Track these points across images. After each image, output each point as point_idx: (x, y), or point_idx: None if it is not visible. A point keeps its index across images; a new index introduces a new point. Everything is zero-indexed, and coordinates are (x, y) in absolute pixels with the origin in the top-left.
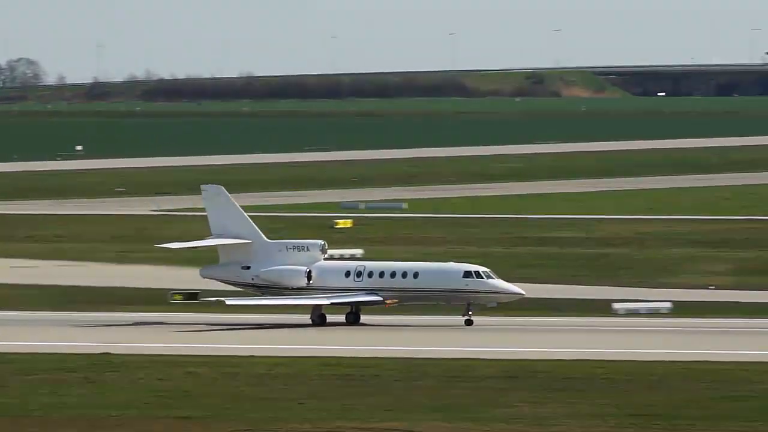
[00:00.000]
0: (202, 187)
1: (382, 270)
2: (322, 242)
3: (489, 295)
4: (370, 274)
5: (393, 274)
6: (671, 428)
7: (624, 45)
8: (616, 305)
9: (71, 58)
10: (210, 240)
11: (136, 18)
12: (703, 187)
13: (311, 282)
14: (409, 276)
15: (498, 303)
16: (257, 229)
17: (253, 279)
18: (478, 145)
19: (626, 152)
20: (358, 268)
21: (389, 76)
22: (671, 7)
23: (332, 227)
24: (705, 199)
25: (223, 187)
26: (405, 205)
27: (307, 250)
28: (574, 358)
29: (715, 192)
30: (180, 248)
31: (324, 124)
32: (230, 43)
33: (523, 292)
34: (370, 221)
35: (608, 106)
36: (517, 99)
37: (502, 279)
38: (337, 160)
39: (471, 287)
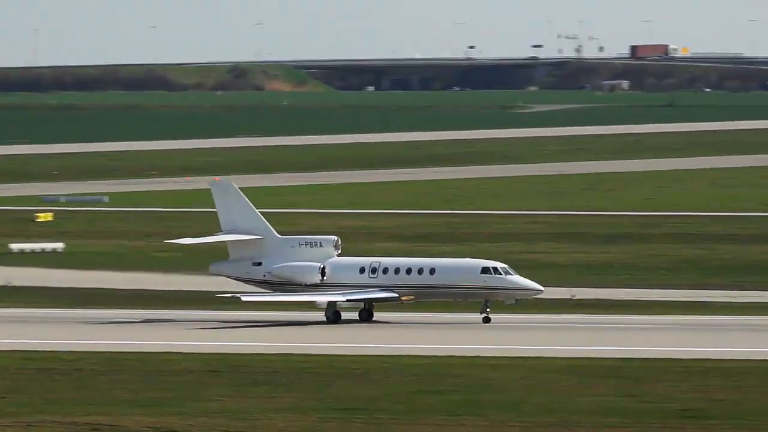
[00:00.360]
0: (211, 182)
1: (397, 266)
2: (336, 238)
3: (508, 291)
4: (386, 271)
5: (409, 271)
6: (373, 422)
7: (326, 39)
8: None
9: None
10: (221, 236)
11: None
12: (405, 181)
13: (325, 279)
14: (426, 272)
15: (517, 300)
16: (268, 224)
17: (264, 275)
18: (179, 138)
19: (326, 146)
20: (373, 265)
21: (90, 69)
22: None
23: (33, 221)
24: (406, 193)
25: (232, 182)
26: (107, 199)
27: (320, 246)
28: (277, 352)
29: (416, 186)
30: (190, 244)
31: (24, 116)
32: None
33: (542, 288)
34: (71, 215)
35: (311, 100)
36: (219, 92)
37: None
38: (37, 154)
39: (489, 283)
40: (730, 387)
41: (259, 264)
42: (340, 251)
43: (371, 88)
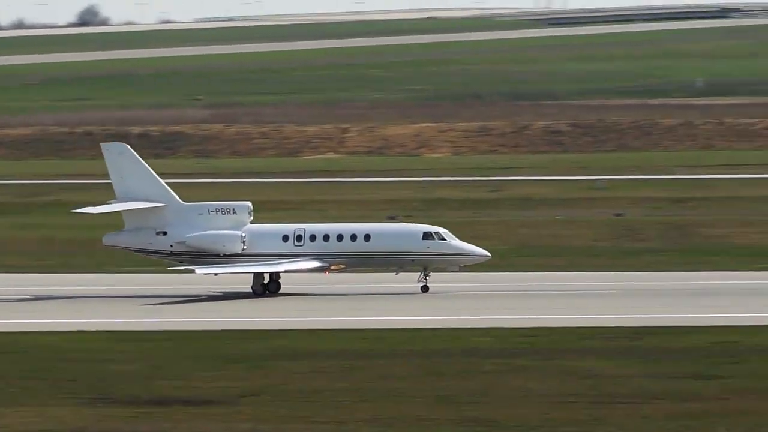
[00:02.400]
0: (103, 145)
1: (326, 233)
2: (249, 204)
3: (452, 258)
4: (313, 238)
5: (340, 237)
6: None
7: None
8: None
9: None
10: (128, 204)
11: None
12: None
13: (245, 248)
14: (360, 239)
15: (461, 266)
16: (170, 190)
17: (172, 246)
18: None
19: None
20: (298, 232)
21: None
22: None
23: None
24: None
25: (127, 145)
26: None
27: (234, 212)
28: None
29: None
30: (99, 213)
31: None
32: None
33: (488, 254)
34: None
35: None
36: None
37: None
38: None
39: (432, 249)
40: None
41: (164, 233)
42: (252, 218)
43: None
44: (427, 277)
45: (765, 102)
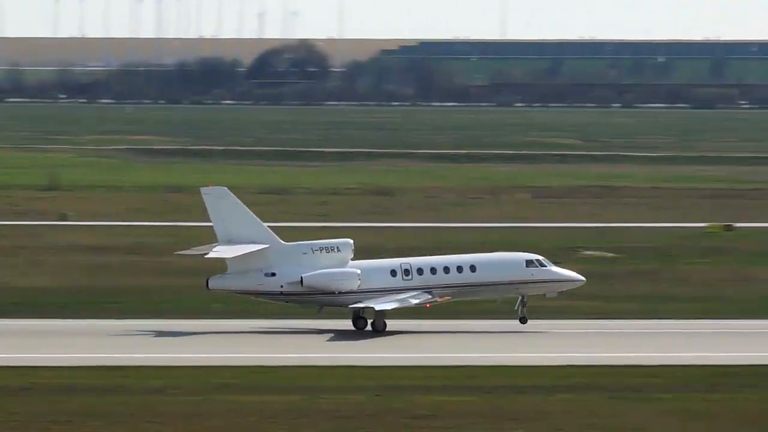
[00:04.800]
0: (203, 190)
1: (432, 266)
2: (351, 241)
3: (553, 284)
4: (420, 271)
5: (447, 270)
6: None
7: None
8: None
9: None
10: (242, 247)
11: None
12: None
13: (360, 284)
14: (466, 270)
15: (559, 292)
16: (271, 231)
17: (282, 287)
18: None
19: None
20: (404, 266)
21: None
22: None
23: None
24: None
25: (226, 188)
26: None
27: (338, 250)
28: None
29: None
30: (216, 258)
31: None
32: None
33: (584, 279)
34: None
35: None
36: None
37: None
38: None
39: (536, 276)
40: None
41: (273, 274)
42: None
43: None
44: (525, 308)
45: None
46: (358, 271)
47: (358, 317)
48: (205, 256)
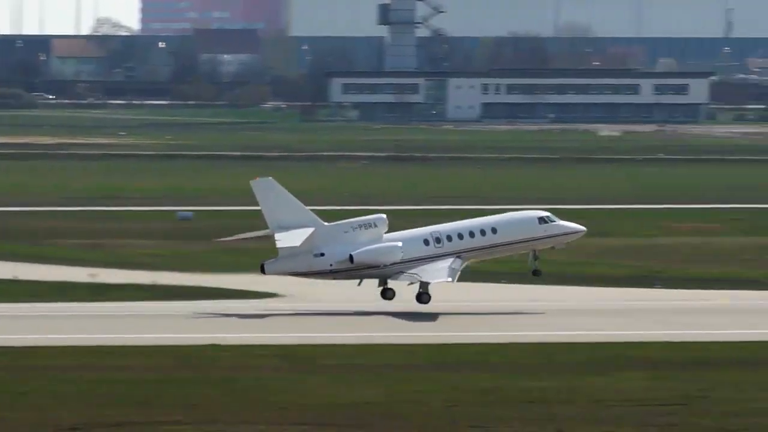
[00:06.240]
0: (253, 182)
1: (459, 232)
2: (384, 216)
3: (562, 237)
4: (449, 238)
5: (472, 234)
6: None
7: None
8: None
9: None
10: (301, 231)
11: None
12: None
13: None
14: (488, 232)
15: (566, 244)
16: (314, 214)
17: (331, 265)
18: None
19: None
20: (435, 235)
21: None
22: None
23: None
24: None
25: (272, 178)
26: None
27: (375, 226)
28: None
29: None
30: (287, 247)
31: None
32: None
33: (585, 229)
34: None
35: None
36: None
37: None
38: None
39: (549, 232)
40: None
41: (322, 254)
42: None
43: None
44: (537, 261)
45: None
46: (400, 244)
47: (386, 289)
48: (278, 246)
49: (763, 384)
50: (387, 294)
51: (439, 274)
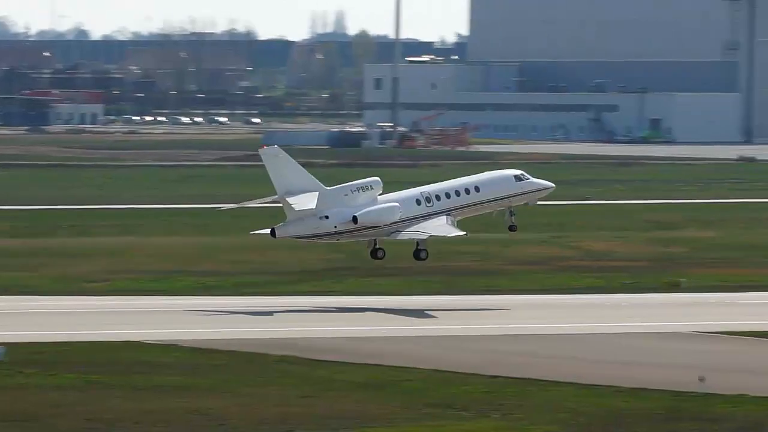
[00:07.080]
0: (261, 151)
1: (446, 191)
2: (379, 179)
3: (536, 193)
4: (438, 197)
5: (458, 193)
6: None
7: None
8: None
9: None
10: (310, 195)
11: None
12: None
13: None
14: (472, 191)
15: (538, 200)
16: (317, 180)
17: (336, 227)
18: None
19: None
20: (425, 194)
21: None
22: None
23: None
24: None
25: (277, 146)
26: None
27: (371, 188)
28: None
29: None
30: (301, 209)
31: None
32: None
33: (554, 185)
34: None
35: None
36: None
37: None
38: None
39: (524, 188)
40: None
41: (326, 217)
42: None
43: None
44: (513, 217)
45: None
46: (398, 204)
47: (376, 249)
48: (296, 209)
49: None
50: (377, 254)
51: (445, 229)
